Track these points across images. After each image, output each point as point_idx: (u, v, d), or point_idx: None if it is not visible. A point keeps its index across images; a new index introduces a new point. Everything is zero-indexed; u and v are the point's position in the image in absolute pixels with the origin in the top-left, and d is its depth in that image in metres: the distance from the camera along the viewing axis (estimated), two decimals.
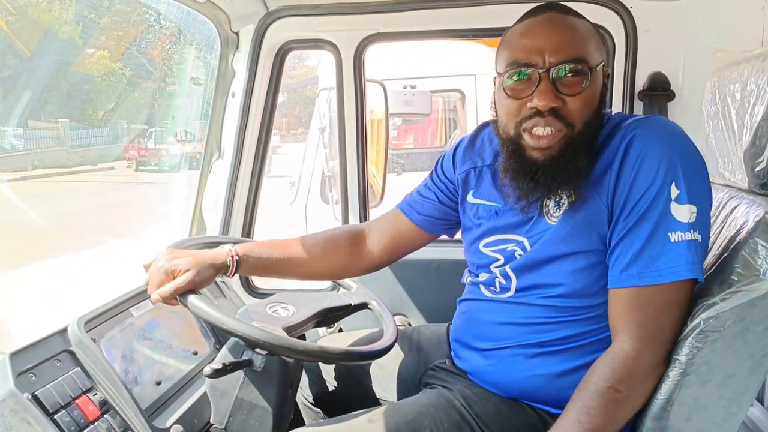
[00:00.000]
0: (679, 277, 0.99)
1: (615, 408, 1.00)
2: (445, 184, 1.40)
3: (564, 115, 1.04)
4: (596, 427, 0.99)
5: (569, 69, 1.02)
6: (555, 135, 1.05)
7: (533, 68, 1.03)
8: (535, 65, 1.03)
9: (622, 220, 1.04)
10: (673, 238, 0.99)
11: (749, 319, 1.00)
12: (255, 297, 2.03)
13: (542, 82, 1.02)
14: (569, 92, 1.03)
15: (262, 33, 1.91)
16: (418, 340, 1.50)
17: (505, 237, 1.22)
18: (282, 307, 1.37)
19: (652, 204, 1.00)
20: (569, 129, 1.05)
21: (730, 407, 1.06)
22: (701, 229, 1.00)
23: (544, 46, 1.03)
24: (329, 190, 3.72)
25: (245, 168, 1.99)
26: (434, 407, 1.16)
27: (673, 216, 1.00)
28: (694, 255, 0.99)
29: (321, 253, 1.41)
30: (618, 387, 1.00)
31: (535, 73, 1.03)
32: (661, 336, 1.01)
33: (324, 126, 3.73)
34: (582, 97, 1.04)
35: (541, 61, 1.03)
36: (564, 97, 1.04)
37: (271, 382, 1.26)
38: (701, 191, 1.02)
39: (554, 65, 1.02)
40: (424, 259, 1.61)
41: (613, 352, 1.03)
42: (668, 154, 1.01)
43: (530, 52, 1.04)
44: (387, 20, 1.89)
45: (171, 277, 1.17)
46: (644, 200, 1.01)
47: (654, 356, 1.01)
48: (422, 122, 6.65)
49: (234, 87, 1.96)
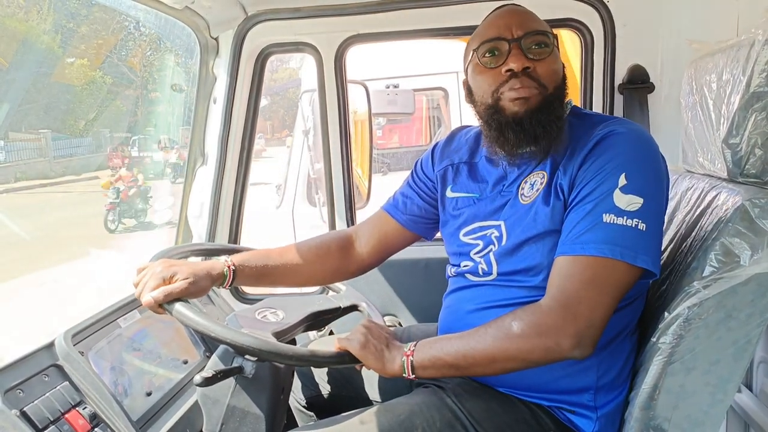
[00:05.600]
0: (600, 253, 1.01)
1: (503, 337, 1.04)
2: (425, 183, 1.44)
3: (536, 77, 1.13)
4: (479, 345, 1.05)
5: (535, 39, 1.14)
6: (531, 91, 1.13)
7: (503, 41, 1.15)
8: (504, 38, 1.15)
9: (572, 200, 1.10)
10: (606, 218, 1.03)
11: (731, 305, 1.02)
12: (244, 303, 2.02)
13: (513, 50, 1.13)
14: (537, 57, 1.14)
15: (242, 38, 1.91)
16: (409, 340, 1.49)
17: (483, 224, 1.25)
18: (271, 313, 1.36)
19: (598, 187, 1.06)
20: (543, 89, 1.14)
21: (716, 393, 1.07)
22: (647, 222, 1.02)
23: (511, 22, 1.16)
24: (315, 192, 3.71)
25: (229, 174, 1.98)
26: (426, 406, 1.17)
27: (613, 201, 1.04)
28: (628, 241, 1.01)
29: (314, 258, 1.43)
30: (515, 321, 1.04)
31: (505, 44, 1.14)
32: (577, 307, 1.01)
33: (308, 128, 3.73)
34: (549, 61, 1.15)
35: (509, 34, 1.15)
36: (533, 62, 1.13)
37: (263, 388, 1.26)
38: (652, 188, 1.05)
39: (521, 37, 1.14)
40: (411, 259, 1.61)
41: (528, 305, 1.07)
42: (630, 150, 1.08)
43: (499, 28, 1.16)
44: (367, 21, 1.90)
45: (166, 283, 1.18)
46: (592, 183, 1.07)
47: (561, 321, 1.01)
48: (407, 121, 6.67)
49: (215, 93, 1.95)
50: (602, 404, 1.14)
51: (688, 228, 1.19)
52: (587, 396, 1.14)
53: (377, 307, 1.50)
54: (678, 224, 1.26)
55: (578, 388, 1.14)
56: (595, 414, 1.14)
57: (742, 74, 1.07)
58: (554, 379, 1.13)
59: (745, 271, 0.98)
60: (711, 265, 1.02)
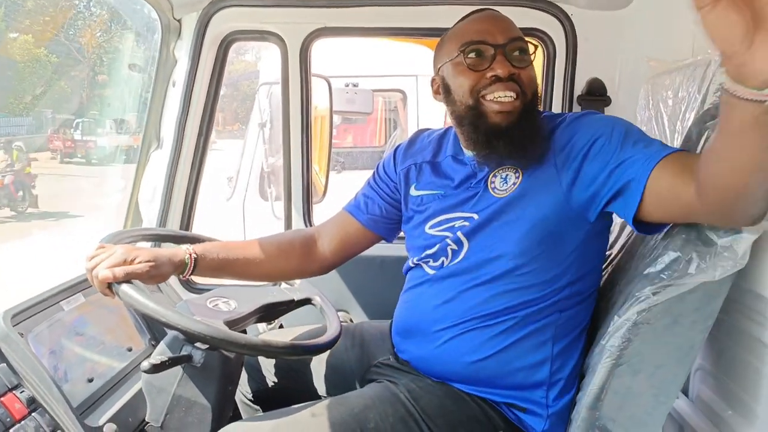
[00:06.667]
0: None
1: None
2: (386, 183, 1.46)
3: (519, 82, 1.17)
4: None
5: (518, 46, 1.19)
6: (514, 102, 1.16)
7: (489, 45, 1.17)
8: (490, 43, 1.18)
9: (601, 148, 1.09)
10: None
11: (678, 312, 1.07)
12: (193, 292, 1.96)
13: (498, 55, 1.16)
14: (519, 65, 1.18)
15: (206, 22, 1.86)
16: (361, 336, 1.50)
17: (451, 216, 1.27)
18: (223, 302, 1.34)
19: (609, 145, 1.08)
20: (524, 96, 1.18)
21: (660, 396, 1.12)
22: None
23: (494, 29, 1.19)
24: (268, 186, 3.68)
25: (185, 159, 1.92)
26: (380, 400, 1.17)
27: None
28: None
29: (277, 254, 1.42)
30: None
31: (491, 49, 1.17)
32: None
33: (264, 121, 3.68)
34: (529, 69, 1.20)
35: (495, 40, 1.18)
36: (517, 69, 1.17)
37: (211, 378, 1.23)
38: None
39: (506, 43, 1.17)
40: (367, 256, 1.61)
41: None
42: (607, 117, 1.18)
43: (483, 33, 1.19)
44: (334, 15, 1.89)
45: (127, 264, 1.15)
46: (606, 148, 1.09)
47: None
48: (362, 122, 6.64)
49: (175, 76, 1.90)
50: (553, 402, 1.16)
51: (639, 236, 1.23)
52: (540, 392, 1.16)
53: (331, 301, 1.50)
54: (629, 233, 1.31)
55: (533, 384, 1.17)
56: (546, 412, 1.16)
57: (698, 92, 1.12)
58: (511, 373, 1.16)
59: (693, 279, 1.03)
60: (661, 273, 1.06)
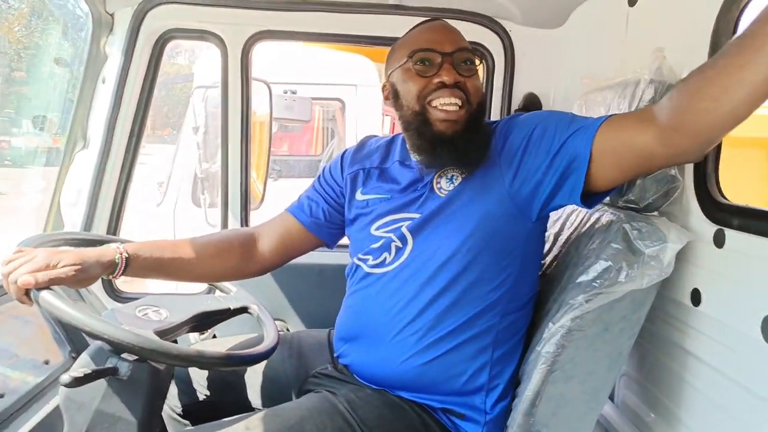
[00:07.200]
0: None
1: None
2: (332, 187, 1.45)
3: (465, 90, 1.20)
4: None
5: (465, 56, 1.22)
6: (459, 111, 1.19)
7: (436, 53, 1.20)
8: (438, 51, 1.20)
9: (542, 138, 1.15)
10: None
11: (608, 319, 1.11)
12: (119, 301, 1.86)
13: (445, 63, 1.20)
14: (466, 74, 1.21)
15: (141, 18, 1.79)
16: (299, 346, 1.47)
17: (396, 217, 1.28)
18: (153, 311, 1.27)
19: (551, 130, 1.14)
20: (469, 105, 1.21)
21: (590, 402, 1.16)
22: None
23: (443, 39, 1.22)
24: (202, 192, 3.58)
25: (114, 161, 1.83)
26: (317, 411, 1.14)
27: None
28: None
29: (215, 253, 1.37)
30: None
31: (438, 57, 1.20)
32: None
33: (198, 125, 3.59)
34: (475, 79, 1.24)
35: (441, 48, 1.20)
36: (463, 78, 1.20)
37: (138, 392, 1.16)
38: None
39: (453, 52, 1.20)
40: (306, 264, 1.58)
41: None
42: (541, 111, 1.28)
43: (432, 42, 1.22)
44: (277, 18, 1.86)
45: (50, 269, 1.06)
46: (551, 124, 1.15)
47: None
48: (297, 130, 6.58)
49: (105, 72, 1.81)
50: (491, 408, 1.18)
51: (573, 246, 1.28)
52: (479, 398, 1.18)
53: (267, 310, 1.45)
54: (563, 243, 1.35)
55: (473, 389, 1.18)
56: (483, 418, 1.18)
57: (628, 109, 1.18)
58: (453, 377, 1.17)
59: (623, 287, 1.08)
60: (593, 281, 1.11)
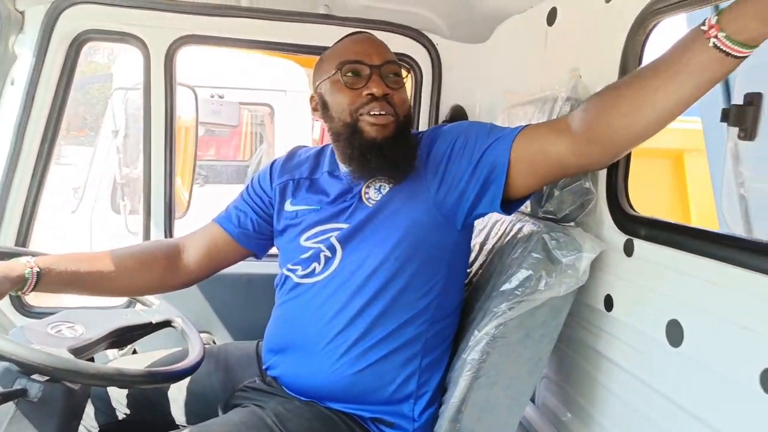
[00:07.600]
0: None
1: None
2: (260, 197, 1.42)
3: (392, 103, 1.22)
4: None
5: (392, 69, 1.25)
6: (388, 119, 1.21)
7: (365, 65, 1.22)
8: (366, 63, 1.22)
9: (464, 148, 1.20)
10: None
11: (529, 326, 1.16)
12: (30, 317, 1.75)
13: (374, 75, 1.21)
14: (393, 86, 1.23)
15: (55, 16, 1.69)
16: (225, 359, 1.44)
17: (325, 227, 1.28)
18: (67, 327, 1.20)
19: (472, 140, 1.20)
20: (397, 116, 1.23)
21: (513, 406, 1.21)
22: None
23: (371, 51, 1.24)
24: (122, 198, 3.43)
25: (24, 167, 1.72)
26: (245, 426, 1.12)
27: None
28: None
29: (136, 266, 1.32)
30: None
31: (366, 69, 1.22)
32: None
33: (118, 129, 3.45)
34: (402, 91, 1.26)
35: (369, 61, 1.23)
36: (391, 90, 1.23)
37: (51, 414, 1.09)
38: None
39: (381, 65, 1.23)
40: (233, 274, 1.55)
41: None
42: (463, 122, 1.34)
43: (360, 54, 1.24)
44: (203, 23, 1.81)
45: None
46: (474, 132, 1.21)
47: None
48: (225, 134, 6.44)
49: (14, 73, 1.69)
50: (419, 416, 1.20)
51: (497, 255, 1.32)
52: (408, 406, 1.20)
53: (192, 322, 1.41)
54: (488, 252, 1.40)
55: (402, 397, 1.20)
56: (412, 426, 1.20)
57: None
58: (383, 386, 1.19)
59: (542, 295, 1.13)
60: (515, 289, 1.15)
